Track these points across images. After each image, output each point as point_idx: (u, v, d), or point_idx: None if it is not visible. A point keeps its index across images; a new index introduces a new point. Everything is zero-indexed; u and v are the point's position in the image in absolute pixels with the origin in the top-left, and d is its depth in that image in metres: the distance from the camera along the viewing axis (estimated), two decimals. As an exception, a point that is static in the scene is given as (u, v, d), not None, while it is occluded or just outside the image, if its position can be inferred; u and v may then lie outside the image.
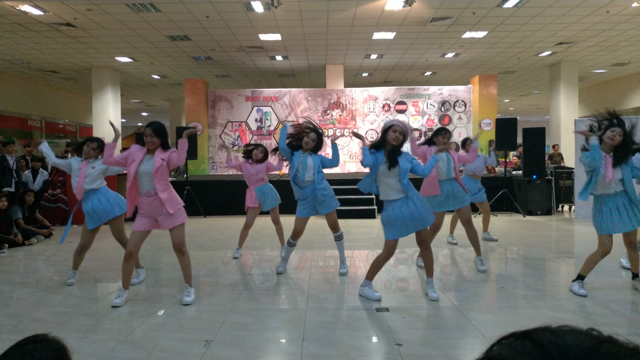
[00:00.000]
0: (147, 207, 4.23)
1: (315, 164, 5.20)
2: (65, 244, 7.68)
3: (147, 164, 4.18)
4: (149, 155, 4.23)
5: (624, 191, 4.32)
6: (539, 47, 13.22)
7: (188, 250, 4.47)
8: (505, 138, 10.58)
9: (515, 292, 4.73)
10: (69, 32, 11.14)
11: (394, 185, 4.23)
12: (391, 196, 4.26)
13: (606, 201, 4.35)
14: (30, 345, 0.98)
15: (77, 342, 3.44)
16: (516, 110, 27.47)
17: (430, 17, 10.48)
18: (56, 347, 1.00)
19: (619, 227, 4.29)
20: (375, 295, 4.41)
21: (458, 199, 5.45)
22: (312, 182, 5.20)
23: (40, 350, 0.97)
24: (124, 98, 20.31)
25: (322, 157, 5.33)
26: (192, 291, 4.41)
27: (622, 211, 4.30)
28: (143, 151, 4.23)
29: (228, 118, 14.26)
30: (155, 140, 4.20)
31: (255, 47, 12.82)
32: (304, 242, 7.64)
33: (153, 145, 4.20)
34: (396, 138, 4.22)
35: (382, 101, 14.25)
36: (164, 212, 4.24)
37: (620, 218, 4.28)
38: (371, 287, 4.48)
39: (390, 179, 4.23)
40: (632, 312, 4.09)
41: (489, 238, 7.34)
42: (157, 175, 4.17)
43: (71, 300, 4.55)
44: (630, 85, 17.13)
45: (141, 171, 4.17)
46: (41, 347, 0.98)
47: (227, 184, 11.28)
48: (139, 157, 4.19)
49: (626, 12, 10.08)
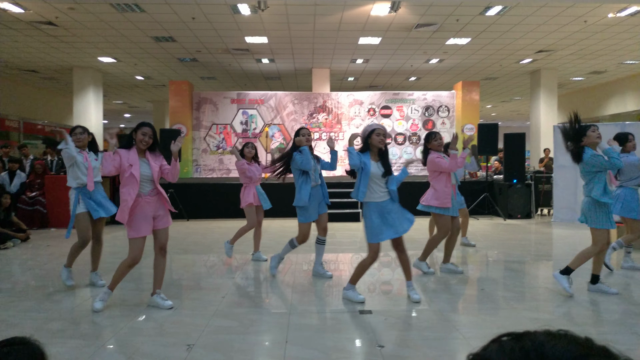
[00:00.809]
0: (148, 206, 4.18)
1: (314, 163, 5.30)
2: (43, 248, 7.57)
3: (144, 167, 4.17)
4: (141, 159, 4.19)
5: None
6: (520, 55, 13.45)
7: (171, 253, 4.47)
8: (487, 143, 10.73)
9: (496, 293, 4.80)
10: (50, 30, 11.00)
11: (381, 189, 4.30)
12: (374, 198, 4.30)
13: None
14: (6, 347, 0.95)
15: (55, 347, 3.38)
16: (498, 115, 27.85)
17: (415, 23, 10.60)
18: (32, 351, 0.97)
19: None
20: (359, 297, 4.43)
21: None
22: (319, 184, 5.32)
23: (15, 353, 0.94)
24: (106, 99, 20.08)
25: (320, 159, 5.44)
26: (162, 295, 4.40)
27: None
28: (134, 154, 4.18)
29: (213, 120, 14.20)
30: (149, 141, 4.20)
31: (241, 49, 12.81)
32: (277, 244, 7.64)
33: (145, 146, 4.19)
34: (381, 141, 4.27)
35: (368, 105, 14.34)
36: (163, 211, 4.28)
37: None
38: (355, 290, 4.51)
39: (380, 182, 4.30)
40: (606, 313, 4.18)
41: (467, 243, 7.39)
42: (156, 177, 4.25)
43: (48, 304, 4.48)
44: (607, 92, 17.51)
45: (143, 174, 4.16)
46: (16, 350, 0.95)
47: (210, 186, 11.23)
48: (136, 160, 4.15)
49: (603, 22, 10.32)
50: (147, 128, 4.19)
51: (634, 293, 4.89)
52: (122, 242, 7.94)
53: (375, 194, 4.31)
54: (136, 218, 4.12)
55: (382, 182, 4.30)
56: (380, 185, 4.30)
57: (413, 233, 5.61)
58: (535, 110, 15.68)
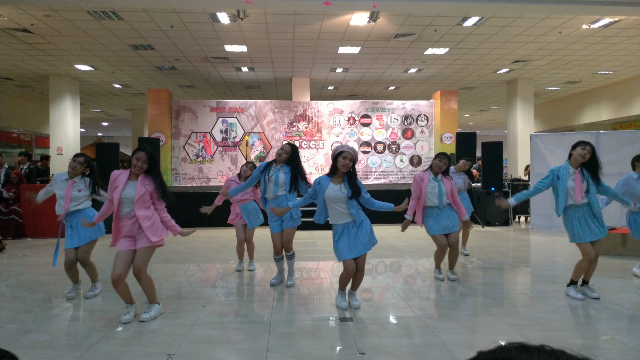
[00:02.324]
0: (126, 228, 4.13)
1: (286, 178, 5.19)
2: (19, 258, 7.41)
3: (129, 189, 4.09)
4: (131, 181, 4.13)
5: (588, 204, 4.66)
6: (497, 65, 13.71)
7: (151, 262, 4.40)
8: (465, 151, 10.88)
9: (475, 300, 4.86)
10: (26, 38, 10.83)
11: (342, 211, 4.36)
12: (339, 220, 4.41)
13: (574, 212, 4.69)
14: None
15: (32, 358, 3.32)
16: (476, 124, 28.27)
17: (394, 33, 10.73)
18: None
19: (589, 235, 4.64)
20: (343, 304, 4.53)
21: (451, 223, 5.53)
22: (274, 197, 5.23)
23: None
24: (84, 107, 19.80)
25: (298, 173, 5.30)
26: (154, 308, 4.27)
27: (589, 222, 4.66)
28: (125, 175, 4.14)
29: (192, 129, 14.11)
30: (144, 167, 4.13)
31: (220, 58, 12.79)
32: (270, 253, 7.62)
33: (140, 171, 4.12)
34: (345, 165, 4.31)
35: (348, 114, 14.43)
36: (141, 233, 4.14)
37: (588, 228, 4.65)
38: (342, 295, 4.61)
39: (339, 204, 4.35)
40: (584, 318, 4.26)
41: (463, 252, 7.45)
42: (139, 202, 4.09)
43: (26, 316, 4.39)
44: (582, 102, 17.95)
45: (123, 197, 4.08)
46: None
47: (190, 195, 11.14)
48: (122, 183, 4.10)
49: (577, 33, 10.60)
50: (142, 153, 4.13)
51: (617, 298, 5.00)
52: (100, 251, 7.82)
53: (335, 216, 4.41)
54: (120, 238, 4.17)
55: (340, 205, 4.35)
56: (341, 208, 4.36)
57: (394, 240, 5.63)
58: (512, 119, 15.98)
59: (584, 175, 4.67)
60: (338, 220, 4.40)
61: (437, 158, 5.54)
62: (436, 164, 5.49)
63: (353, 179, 4.36)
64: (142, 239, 4.14)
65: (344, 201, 4.32)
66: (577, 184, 4.61)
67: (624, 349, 3.47)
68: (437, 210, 5.46)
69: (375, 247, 4.49)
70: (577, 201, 4.61)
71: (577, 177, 4.64)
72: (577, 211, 4.67)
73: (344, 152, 4.32)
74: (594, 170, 4.68)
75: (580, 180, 4.63)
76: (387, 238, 8.88)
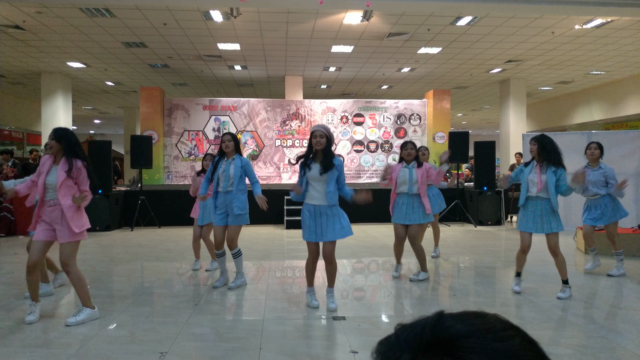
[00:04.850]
0: (47, 216, 4.13)
1: (236, 173, 5.08)
2: (10, 256, 7.36)
3: (52, 176, 4.13)
4: (55, 166, 4.18)
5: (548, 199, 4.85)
6: (489, 64, 13.77)
7: (143, 260, 4.39)
8: (458, 151, 10.92)
9: (467, 299, 4.88)
10: (18, 35, 10.74)
11: (320, 191, 4.34)
12: (313, 200, 4.38)
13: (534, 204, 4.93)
14: None
15: (24, 357, 3.30)
16: (468, 124, 28.39)
17: (387, 32, 10.74)
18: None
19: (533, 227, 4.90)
20: (313, 303, 4.49)
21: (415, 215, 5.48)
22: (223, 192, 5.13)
23: None
24: (76, 104, 19.65)
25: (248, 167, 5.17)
26: (84, 311, 4.11)
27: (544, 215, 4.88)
28: (50, 161, 4.20)
29: (185, 127, 14.05)
30: (53, 144, 4.15)
31: (213, 56, 12.75)
32: (261, 252, 7.62)
33: (52, 150, 4.16)
34: (317, 142, 4.33)
35: (340, 113, 14.43)
36: (63, 224, 4.08)
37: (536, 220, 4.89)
38: (312, 294, 4.57)
39: (319, 184, 4.35)
40: (574, 317, 4.30)
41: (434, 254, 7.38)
42: (62, 189, 4.09)
43: (18, 314, 4.36)
44: (574, 102, 18.07)
45: (47, 182, 4.11)
46: None
47: (182, 193, 11.10)
48: (47, 168, 4.15)
49: (570, 33, 10.67)
50: (51, 132, 4.20)
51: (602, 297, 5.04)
52: (91, 249, 7.78)
53: (311, 195, 4.39)
54: (39, 219, 4.16)
55: (319, 184, 4.34)
56: (316, 187, 4.36)
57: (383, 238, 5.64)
58: (505, 118, 16.06)
59: (544, 170, 4.86)
60: (311, 200, 4.38)
61: (403, 148, 5.56)
62: (407, 154, 5.52)
63: (327, 155, 4.35)
64: (63, 231, 4.08)
65: (323, 180, 4.32)
66: (537, 177, 4.86)
67: (616, 349, 3.50)
68: (406, 198, 5.46)
69: (368, 246, 4.51)
70: (534, 192, 4.86)
71: (538, 171, 4.89)
72: (537, 203, 4.87)
73: (314, 131, 4.36)
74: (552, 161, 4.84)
75: (540, 174, 4.86)
76: (379, 237, 8.90)
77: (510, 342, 0.53)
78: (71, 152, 4.15)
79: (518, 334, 0.56)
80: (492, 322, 0.57)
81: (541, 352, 0.56)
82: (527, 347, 0.54)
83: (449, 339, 0.53)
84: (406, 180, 5.45)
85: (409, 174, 5.45)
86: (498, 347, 0.52)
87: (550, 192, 4.79)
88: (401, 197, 5.50)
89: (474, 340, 0.53)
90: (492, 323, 0.57)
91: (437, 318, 0.57)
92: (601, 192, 5.80)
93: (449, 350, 0.52)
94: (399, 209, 5.49)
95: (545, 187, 4.81)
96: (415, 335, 0.56)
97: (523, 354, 0.53)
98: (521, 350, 0.53)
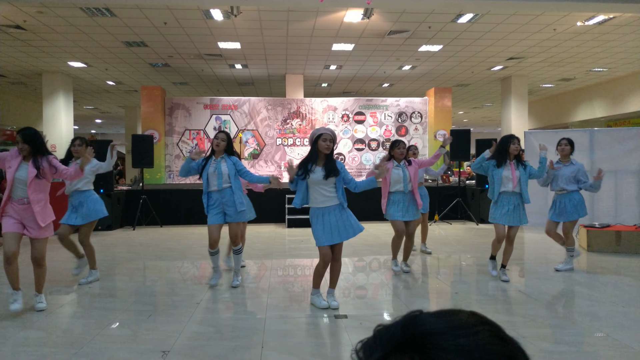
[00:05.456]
0: (16, 213, 4.20)
1: (230, 171, 5.08)
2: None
3: (22, 171, 4.19)
4: (24, 162, 4.23)
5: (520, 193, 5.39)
6: (491, 62, 13.73)
7: (145, 259, 4.39)
8: (459, 149, 10.91)
9: (469, 297, 4.88)
10: (19, 34, 10.74)
11: (327, 194, 4.30)
12: (322, 203, 4.31)
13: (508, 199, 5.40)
14: None
15: (27, 356, 3.30)
16: (470, 122, 28.34)
17: (387, 30, 10.72)
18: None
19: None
20: (322, 303, 4.44)
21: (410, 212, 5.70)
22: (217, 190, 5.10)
23: None
24: (77, 104, 19.67)
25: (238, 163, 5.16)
26: (43, 297, 4.45)
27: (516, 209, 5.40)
28: (19, 157, 4.25)
29: (186, 126, 14.06)
30: (25, 147, 4.21)
31: (214, 55, 12.74)
32: (263, 250, 7.62)
33: (23, 152, 4.22)
34: (327, 147, 4.29)
35: (341, 111, 14.42)
36: (34, 222, 4.22)
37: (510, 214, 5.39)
38: (319, 295, 4.52)
39: (325, 187, 4.30)
40: (579, 316, 4.29)
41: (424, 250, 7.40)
42: (32, 186, 4.19)
43: (20, 311, 4.36)
44: (576, 99, 18.02)
45: (16, 178, 4.17)
46: None
47: (184, 192, 11.11)
48: (15, 164, 4.20)
49: (571, 30, 10.64)
50: (18, 135, 4.23)
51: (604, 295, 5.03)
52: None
53: (316, 199, 4.33)
54: (5, 214, 4.25)
55: (325, 187, 4.29)
56: (322, 191, 4.30)
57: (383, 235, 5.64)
58: (506, 116, 16.02)
59: (517, 166, 5.37)
60: (319, 203, 4.31)
61: (396, 147, 5.70)
62: (400, 152, 5.69)
63: (330, 160, 4.33)
64: (33, 228, 4.23)
65: (331, 183, 4.29)
66: (512, 173, 5.32)
67: (618, 346, 3.49)
68: (402, 195, 5.62)
69: (369, 245, 4.51)
70: (510, 188, 5.31)
71: (512, 168, 5.35)
72: (510, 198, 5.34)
73: (323, 134, 4.31)
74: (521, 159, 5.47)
75: (514, 170, 5.33)
76: (380, 235, 8.89)
77: (476, 337, 0.56)
78: (39, 151, 4.27)
79: (488, 330, 0.57)
80: (464, 319, 0.59)
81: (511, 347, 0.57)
82: (494, 342, 0.56)
83: (418, 336, 0.57)
84: (400, 179, 5.63)
85: (403, 173, 5.63)
86: (463, 343, 0.55)
87: (522, 188, 5.34)
88: (397, 195, 5.65)
89: (442, 337, 0.56)
90: (463, 320, 0.58)
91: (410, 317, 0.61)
92: (568, 188, 5.86)
93: (418, 347, 0.55)
94: (396, 206, 5.63)
95: (518, 182, 5.30)
96: (389, 335, 0.59)
97: (489, 349, 0.55)
98: (487, 345, 0.55)
